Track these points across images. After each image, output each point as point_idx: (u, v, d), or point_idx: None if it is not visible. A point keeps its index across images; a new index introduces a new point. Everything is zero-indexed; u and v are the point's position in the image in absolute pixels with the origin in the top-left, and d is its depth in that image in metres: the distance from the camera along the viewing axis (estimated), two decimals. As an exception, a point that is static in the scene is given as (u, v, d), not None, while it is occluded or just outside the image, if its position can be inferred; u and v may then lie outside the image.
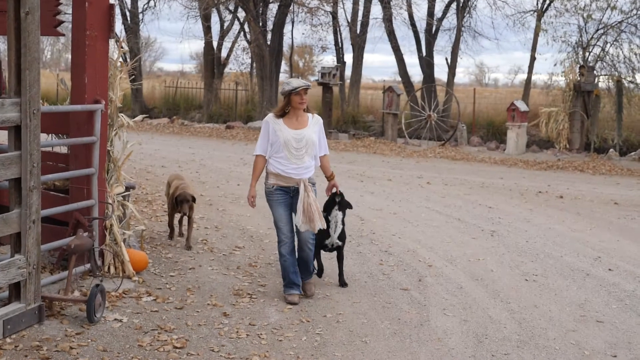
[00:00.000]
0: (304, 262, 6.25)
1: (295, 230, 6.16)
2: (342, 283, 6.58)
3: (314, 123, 6.15)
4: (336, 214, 6.49)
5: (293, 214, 6.10)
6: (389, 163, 16.58)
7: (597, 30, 20.63)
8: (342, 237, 6.60)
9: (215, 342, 5.05)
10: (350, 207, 6.60)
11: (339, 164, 15.11)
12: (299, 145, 6.00)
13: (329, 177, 6.46)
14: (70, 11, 6.25)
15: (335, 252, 6.75)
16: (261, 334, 5.27)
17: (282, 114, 6.08)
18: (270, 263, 7.25)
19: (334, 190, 6.50)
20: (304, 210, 5.93)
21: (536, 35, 21.95)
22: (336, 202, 6.48)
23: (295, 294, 6.09)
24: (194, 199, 7.68)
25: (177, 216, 8.14)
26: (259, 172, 6.18)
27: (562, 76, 20.21)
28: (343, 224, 6.57)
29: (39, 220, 4.96)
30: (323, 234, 6.45)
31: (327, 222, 6.43)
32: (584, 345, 5.33)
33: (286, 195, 6.08)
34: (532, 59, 22.29)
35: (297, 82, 6.03)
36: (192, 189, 7.94)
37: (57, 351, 4.67)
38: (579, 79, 19.15)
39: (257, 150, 6.13)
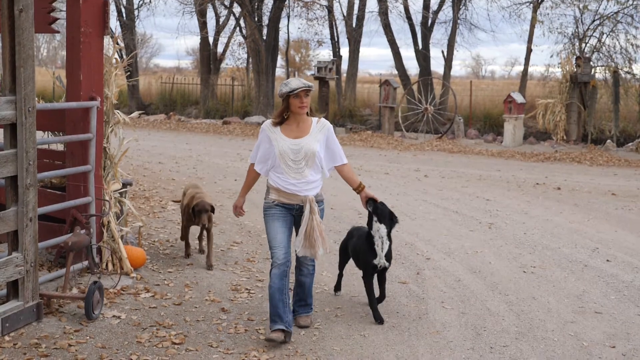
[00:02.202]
0: (302, 289, 5.39)
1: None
2: (378, 318, 5.50)
3: (318, 130, 5.19)
4: (378, 227, 5.40)
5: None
6: (386, 156, 16.58)
7: (594, 21, 20.66)
8: (388, 255, 5.53)
9: (214, 338, 5.05)
10: (394, 219, 5.47)
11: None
12: (297, 157, 5.10)
13: (358, 189, 5.39)
14: (64, 8, 6.23)
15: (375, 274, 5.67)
16: (259, 329, 5.27)
17: (281, 121, 5.21)
18: (268, 258, 7.24)
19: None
20: (306, 234, 5.08)
21: (532, 27, 21.94)
22: (369, 211, 5.41)
23: (279, 330, 4.97)
24: (212, 209, 6.98)
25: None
26: (250, 181, 5.41)
27: (558, 67, 20.22)
28: (390, 239, 5.50)
29: (35, 218, 4.96)
30: (367, 255, 5.50)
31: (371, 238, 5.47)
32: (582, 336, 5.34)
33: (286, 213, 5.20)
34: (529, 51, 22.28)
35: (296, 83, 5.06)
36: (210, 198, 7.21)
37: (55, 349, 4.67)
38: (575, 70, 19.14)
39: (251, 159, 5.40)
